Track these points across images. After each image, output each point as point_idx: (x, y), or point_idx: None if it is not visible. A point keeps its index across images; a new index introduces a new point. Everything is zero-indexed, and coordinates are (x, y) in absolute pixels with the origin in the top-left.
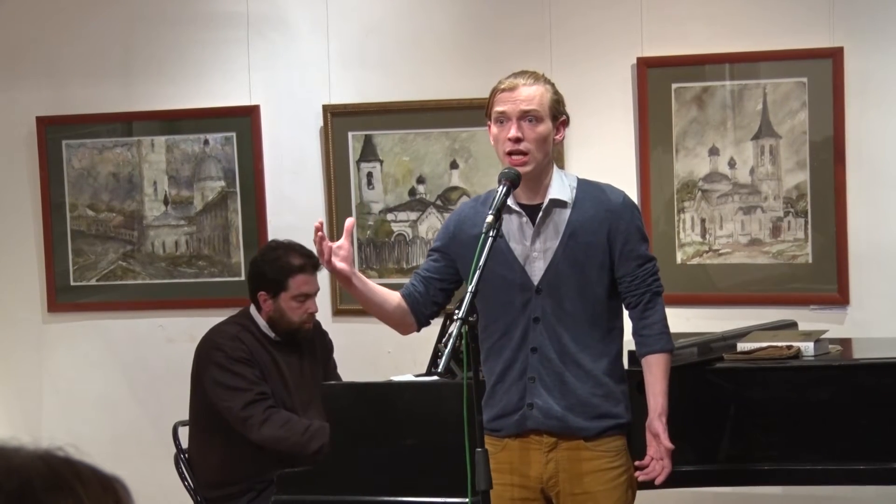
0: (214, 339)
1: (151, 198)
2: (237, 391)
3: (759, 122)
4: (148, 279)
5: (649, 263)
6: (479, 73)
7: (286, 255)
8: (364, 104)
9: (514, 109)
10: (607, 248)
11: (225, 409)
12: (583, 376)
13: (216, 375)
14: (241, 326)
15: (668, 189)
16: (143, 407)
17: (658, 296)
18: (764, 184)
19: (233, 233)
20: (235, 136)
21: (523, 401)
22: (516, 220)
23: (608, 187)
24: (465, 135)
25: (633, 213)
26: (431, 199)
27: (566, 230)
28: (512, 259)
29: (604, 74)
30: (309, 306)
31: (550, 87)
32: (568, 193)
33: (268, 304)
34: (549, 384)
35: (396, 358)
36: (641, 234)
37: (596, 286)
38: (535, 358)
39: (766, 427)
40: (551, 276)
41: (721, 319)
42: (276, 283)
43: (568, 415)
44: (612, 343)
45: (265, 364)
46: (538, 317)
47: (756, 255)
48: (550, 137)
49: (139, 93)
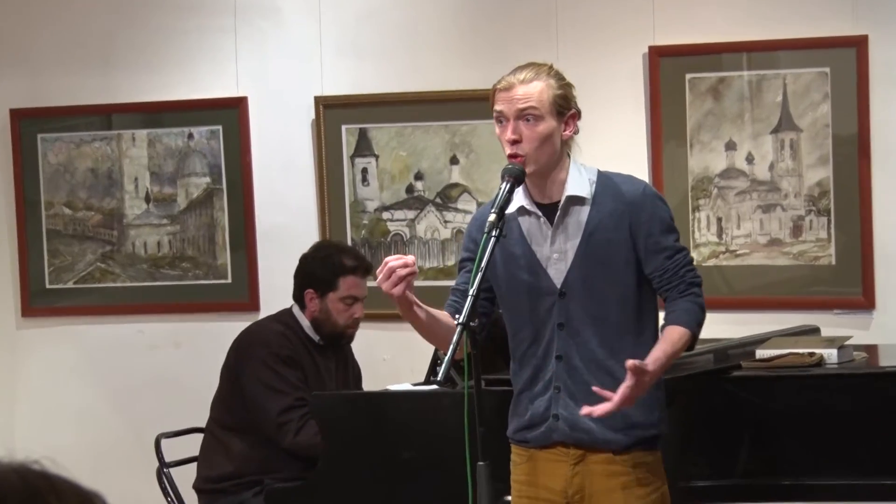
0: (260, 335)
1: (132, 195)
2: (278, 393)
3: (778, 114)
4: (128, 282)
5: (679, 255)
6: (481, 62)
7: (338, 255)
8: (358, 96)
9: (510, 109)
10: (630, 243)
11: (261, 409)
12: (612, 385)
13: (259, 373)
14: (285, 325)
15: (681, 186)
16: (123, 418)
17: (694, 286)
18: (784, 180)
19: (219, 232)
20: (222, 130)
21: (549, 412)
22: (534, 221)
23: (629, 178)
24: (465, 128)
25: (654, 204)
26: (430, 197)
27: (586, 228)
28: (534, 263)
29: (613, 64)
30: (356, 311)
31: (554, 80)
32: (586, 188)
33: (314, 304)
34: (575, 394)
35: (393, 365)
36: (666, 225)
37: (623, 286)
38: (561, 366)
39: (787, 439)
40: (573, 277)
41: (738, 325)
42: (325, 281)
43: (596, 426)
44: (645, 346)
45: (308, 367)
46: (562, 322)
47: (776, 257)
48: (555, 135)
49: (119, 84)
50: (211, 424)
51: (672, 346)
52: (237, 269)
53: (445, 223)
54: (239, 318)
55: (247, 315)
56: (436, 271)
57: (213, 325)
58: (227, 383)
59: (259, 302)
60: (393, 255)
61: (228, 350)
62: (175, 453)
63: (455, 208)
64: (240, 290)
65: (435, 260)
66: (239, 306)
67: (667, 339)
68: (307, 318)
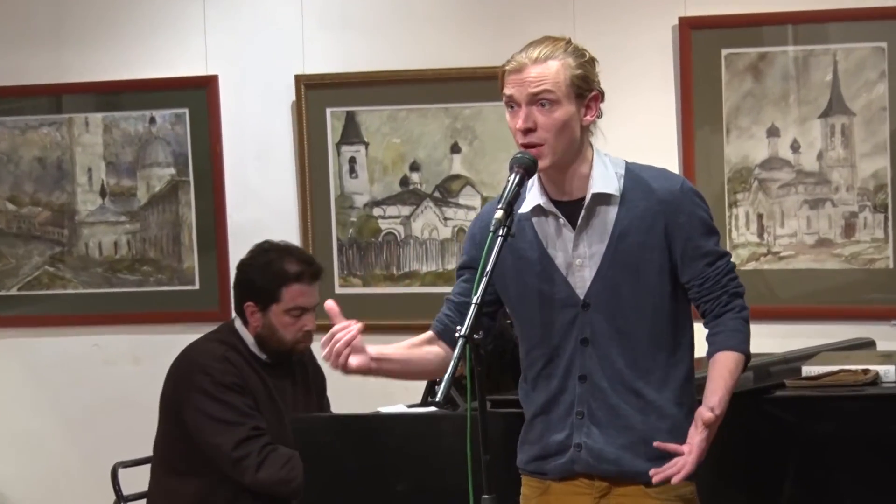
0: (199, 361)
1: (85, 188)
2: (228, 426)
3: (828, 95)
4: (81, 288)
5: (721, 260)
6: (486, 35)
7: (280, 260)
8: (345, 74)
9: (522, 93)
10: (665, 247)
11: (213, 447)
12: (643, 408)
13: (202, 405)
14: (227, 345)
15: (717, 178)
16: (75, 444)
17: (737, 297)
18: (834, 171)
19: (185, 231)
20: (188, 113)
21: (570, 440)
22: (553, 222)
23: (663, 172)
24: (468, 111)
25: (693, 202)
26: (428, 191)
27: (614, 230)
28: (552, 269)
29: (638, 38)
30: (305, 323)
31: (572, 59)
32: (614, 184)
33: (256, 318)
34: (600, 419)
35: (385, 384)
36: (707, 226)
37: (655, 296)
38: (585, 388)
39: (837, 468)
40: (599, 287)
41: (782, 337)
42: (266, 292)
43: (624, 456)
44: (680, 365)
45: (257, 391)
46: (586, 337)
47: (825, 259)
48: (575, 121)
49: (70, 60)
50: (157, 471)
51: (732, 379)
52: (206, 273)
53: (445, 221)
54: (207, 329)
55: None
56: (434, 276)
57: (178, 338)
58: (168, 419)
59: (230, 311)
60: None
61: (165, 378)
62: (134, 484)
63: (456, 204)
64: (209, 298)
65: (433, 263)
66: (208, 316)
67: (724, 370)
68: (250, 333)
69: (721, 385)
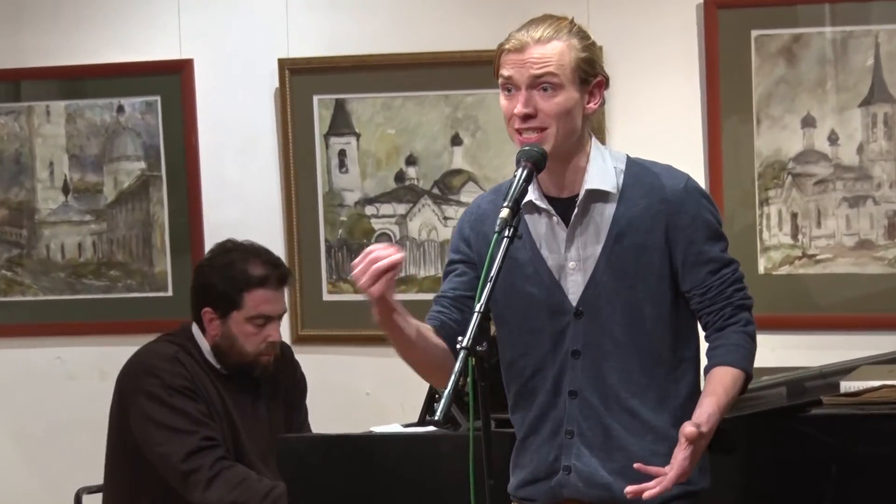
0: (146, 361)
1: (46, 184)
2: (177, 434)
3: (869, 81)
4: (41, 295)
5: (727, 269)
6: (489, 16)
7: (243, 262)
8: (334, 58)
9: (522, 75)
10: (666, 251)
11: (159, 457)
12: (638, 428)
13: (148, 410)
14: (178, 347)
15: (746, 174)
16: (35, 467)
17: (743, 310)
18: (877, 166)
19: (156, 232)
20: (160, 101)
21: (559, 462)
22: (545, 220)
23: (666, 168)
24: (470, 99)
25: (699, 203)
26: (426, 187)
27: (611, 230)
28: (542, 272)
29: (660, 17)
30: (270, 333)
31: (577, 39)
32: (611, 180)
33: (214, 326)
34: (591, 440)
35: (379, 401)
36: (712, 230)
37: (655, 305)
38: (574, 405)
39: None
40: (593, 293)
41: (818, 349)
42: (226, 297)
43: (617, 481)
44: (681, 382)
45: (211, 400)
46: (577, 349)
47: (866, 263)
48: (577, 108)
49: (30, 43)
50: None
51: (727, 396)
52: (179, 278)
53: (445, 220)
54: None
55: None
56: (433, 281)
57: None
58: (115, 432)
59: None
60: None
61: (114, 386)
62: None
63: (457, 201)
64: (183, 306)
65: (432, 267)
66: None
67: (718, 386)
68: (207, 342)
69: (713, 401)
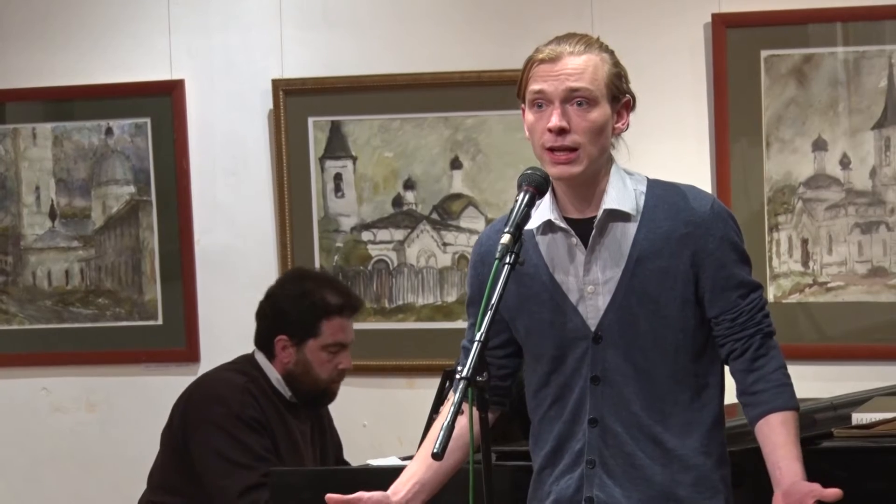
0: (217, 390)
1: (32, 209)
2: (238, 468)
3: (882, 104)
4: (27, 323)
5: (755, 293)
6: (490, 36)
7: (320, 290)
8: (330, 79)
9: (556, 89)
10: (691, 277)
11: (217, 489)
12: (662, 457)
13: (213, 440)
14: (247, 377)
15: (755, 198)
16: (21, 502)
17: (770, 338)
18: (890, 190)
19: (146, 258)
20: (150, 123)
21: (580, 493)
22: (563, 241)
23: (691, 190)
24: (471, 121)
25: (726, 225)
26: (424, 213)
27: (632, 253)
28: (559, 297)
29: (666, 37)
30: (341, 360)
31: (608, 55)
32: (631, 201)
33: (288, 354)
34: (614, 470)
35: (375, 434)
36: (740, 252)
37: (677, 331)
38: (596, 433)
39: None
40: (614, 317)
41: (830, 380)
42: (304, 326)
43: None
44: (706, 409)
45: (279, 432)
46: (597, 375)
47: (879, 291)
48: (609, 126)
49: (15, 63)
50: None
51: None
52: (170, 306)
53: (444, 246)
54: (173, 370)
55: (183, 367)
56: (432, 310)
57: (138, 380)
58: (169, 451)
59: (199, 349)
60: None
61: (173, 408)
62: None
63: (457, 227)
64: (174, 335)
65: (431, 295)
66: (173, 355)
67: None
68: (278, 370)
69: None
